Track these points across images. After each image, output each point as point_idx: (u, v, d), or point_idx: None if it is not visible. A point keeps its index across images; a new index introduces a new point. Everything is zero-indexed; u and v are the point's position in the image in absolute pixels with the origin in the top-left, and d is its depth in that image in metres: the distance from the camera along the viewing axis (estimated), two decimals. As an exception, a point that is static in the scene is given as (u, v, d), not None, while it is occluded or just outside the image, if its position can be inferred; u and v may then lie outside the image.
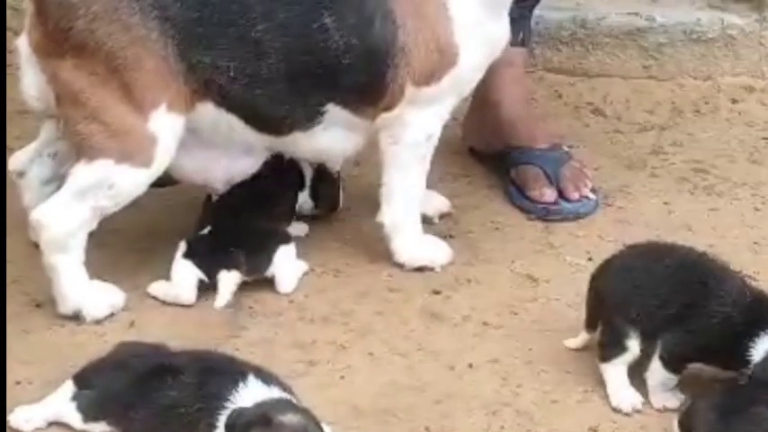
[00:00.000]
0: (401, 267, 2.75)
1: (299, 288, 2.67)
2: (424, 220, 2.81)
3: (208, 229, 2.69)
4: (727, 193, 3.06)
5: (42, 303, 2.61)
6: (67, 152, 2.61)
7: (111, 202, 2.53)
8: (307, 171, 2.84)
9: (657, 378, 2.35)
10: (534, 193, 2.96)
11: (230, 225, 2.67)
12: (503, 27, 2.71)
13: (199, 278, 2.61)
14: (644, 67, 3.53)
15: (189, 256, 2.63)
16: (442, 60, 2.61)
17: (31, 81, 2.59)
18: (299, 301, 2.65)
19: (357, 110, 2.63)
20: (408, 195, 2.72)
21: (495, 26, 2.68)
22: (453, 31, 2.60)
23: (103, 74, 2.47)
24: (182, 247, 2.64)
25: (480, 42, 2.64)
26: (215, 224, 2.69)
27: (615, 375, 2.38)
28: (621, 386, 2.37)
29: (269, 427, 2.01)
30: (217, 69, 2.53)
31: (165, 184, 2.70)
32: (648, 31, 3.51)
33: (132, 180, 2.52)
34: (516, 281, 2.73)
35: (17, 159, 2.75)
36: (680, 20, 3.52)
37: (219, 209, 2.73)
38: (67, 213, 2.51)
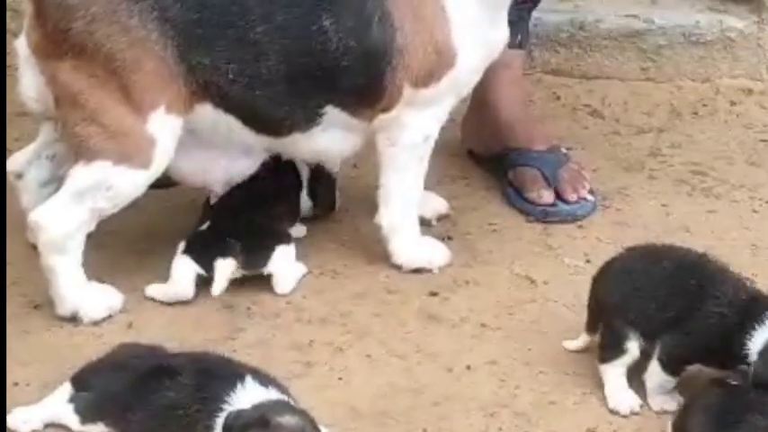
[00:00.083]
0: (399, 269, 2.75)
1: (296, 289, 2.67)
2: (422, 222, 2.81)
3: (206, 225, 2.69)
4: (725, 195, 3.06)
5: (40, 305, 2.61)
6: (66, 154, 2.61)
7: (110, 204, 2.53)
8: (303, 171, 2.85)
9: (656, 380, 2.35)
10: (532, 195, 2.96)
11: (229, 222, 2.67)
12: (501, 29, 2.71)
13: (197, 273, 2.61)
14: (642, 70, 3.52)
15: (187, 251, 2.63)
16: (440, 62, 2.61)
17: (29, 82, 2.59)
18: (296, 302, 2.65)
19: (355, 111, 2.63)
20: (406, 197, 2.73)
21: (494, 28, 2.68)
22: (451, 33, 2.60)
23: (102, 75, 2.47)
24: (181, 245, 2.65)
25: (478, 44, 2.64)
26: (214, 221, 2.69)
27: (614, 377, 2.38)
28: (620, 388, 2.37)
29: (267, 429, 2.01)
30: (216, 71, 2.53)
31: (164, 185, 2.70)
32: (647, 34, 3.51)
33: (131, 181, 2.52)
34: (514, 282, 2.73)
35: (16, 161, 2.75)
36: (678, 22, 3.52)
37: (219, 209, 2.73)
38: (66, 215, 2.51)
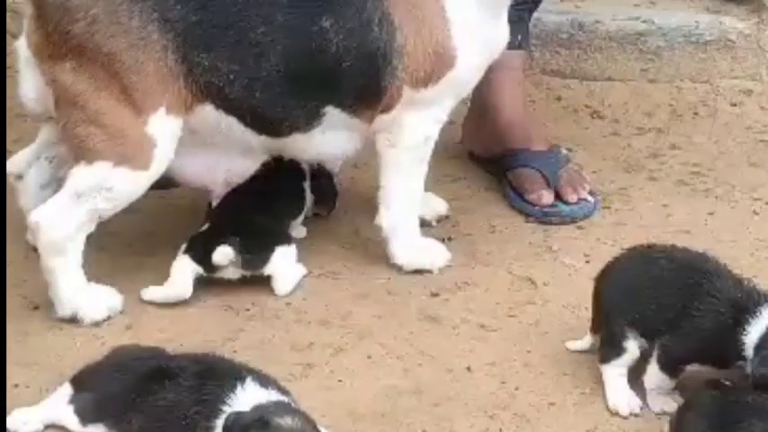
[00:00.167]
0: (399, 270, 2.75)
1: (296, 290, 2.67)
2: (422, 223, 2.81)
3: (207, 226, 2.69)
4: (725, 196, 3.06)
5: (40, 306, 2.61)
6: (65, 156, 2.61)
7: (110, 205, 2.53)
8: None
9: (654, 381, 2.35)
10: (532, 196, 2.96)
11: (229, 222, 2.67)
12: (501, 29, 2.71)
13: (196, 272, 2.61)
14: (642, 71, 3.52)
15: (187, 251, 2.63)
16: (440, 62, 2.61)
17: (29, 84, 2.59)
18: (296, 303, 2.65)
19: (355, 112, 2.63)
20: (406, 198, 2.72)
21: (493, 28, 2.68)
22: (451, 34, 2.60)
23: (103, 76, 2.47)
24: (183, 246, 2.64)
25: (478, 44, 2.64)
26: (214, 221, 2.69)
27: (614, 378, 2.38)
28: (620, 389, 2.37)
29: (267, 430, 2.01)
30: (216, 72, 2.53)
31: (164, 186, 2.69)
32: (647, 35, 3.51)
33: (131, 182, 2.52)
34: (514, 283, 2.73)
35: (15, 162, 2.75)
36: (679, 23, 3.52)
37: (219, 209, 2.73)
38: (66, 216, 2.51)
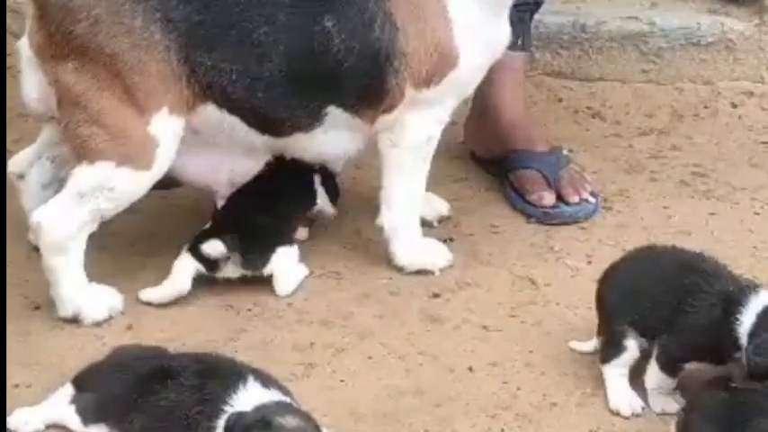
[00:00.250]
0: (401, 270, 2.74)
1: (298, 290, 2.67)
2: (424, 224, 2.80)
3: (209, 224, 2.69)
4: (726, 198, 3.06)
5: (41, 306, 2.60)
6: (67, 156, 2.61)
7: (112, 205, 2.53)
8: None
9: (655, 381, 2.36)
10: (533, 197, 2.96)
11: (230, 220, 2.67)
12: (503, 29, 2.71)
13: (196, 269, 2.61)
14: (643, 72, 3.52)
15: (190, 248, 2.63)
16: (442, 62, 2.61)
17: (31, 84, 2.59)
18: (298, 303, 2.65)
19: (357, 112, 2.63)
20: (408, 198, 2.72)
21: (495, 28, 2.68)
22: (453, 34, 2.60)
23: (105, 76, 2.47)
24: (187, 245, 2.64)
25: (480, 44, 2.64)
26: (216, 220, 2.69)
27: (615, 378, 2.38)
28: (621, 389, 2.37)
29: (268, 430, 2.01)
30: (219, 72, 2.53)
31: (167, 186, 2.69)
32: (648, 36, 3.51)
33: (133, 182, 2.52)
34: (516, 284, 2.73)
35: (17, 162, 2.75)
36: (680, 24, 3.52)
37: (223, 209, 2.72)
38: (67, 216, 2.51)
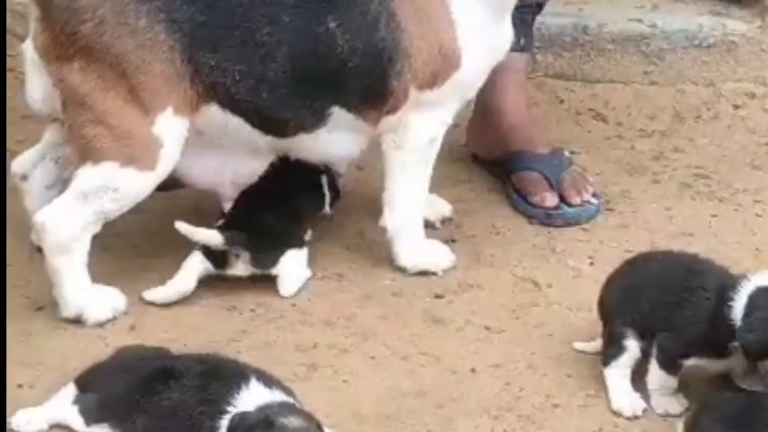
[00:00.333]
0: (403, 271, 2.75)
1: (301, 291, 2.67)
2: (426, 225, 2.81)
3: (220, 222, 2.69)
4: (728, 199, 3.06)
5: (44, 306, 2.60)
6: (71, 156, 2.61)
7: (116, 206, 2.53)
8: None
9: (656, 381, 2.36)
10: (536, 199, 2.96)
11: (243, 220, 2.67)
12: (506, 30, 2.71)
13: (207, 269, 2.61)
14: (645, 73, 3.52)
15: (201, 247, 2.63)
16: (445, 64, 2.61)
17: (36, 85, 2.59)
18: (301, 304, 2.65)
19: (361, 113, 2.63)
20: (411, 200, 2.73)
21: (498, 30, 2.68)
22: (456, 35, 2.60)
23: (110, 77, 2.47)
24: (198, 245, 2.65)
25: (483, 46, 2.65)
26: (229, 219, 2.70)
27: (617, 379, 2.38)
28: (623, 390, 2.38)
29: (271, 431, 2.01)
30: (223, 72, 2.53)
31: (171, 187, 2.70)
32: (650, 37, 3.51)
33: (137, 183, 2.53)
34: (518, 285, 2.73)
35: (20, 163, 2.75)
36: (682, 26, 3.52)
37: (233, 209, 2.72)
38: (71, 216, 2.51)
